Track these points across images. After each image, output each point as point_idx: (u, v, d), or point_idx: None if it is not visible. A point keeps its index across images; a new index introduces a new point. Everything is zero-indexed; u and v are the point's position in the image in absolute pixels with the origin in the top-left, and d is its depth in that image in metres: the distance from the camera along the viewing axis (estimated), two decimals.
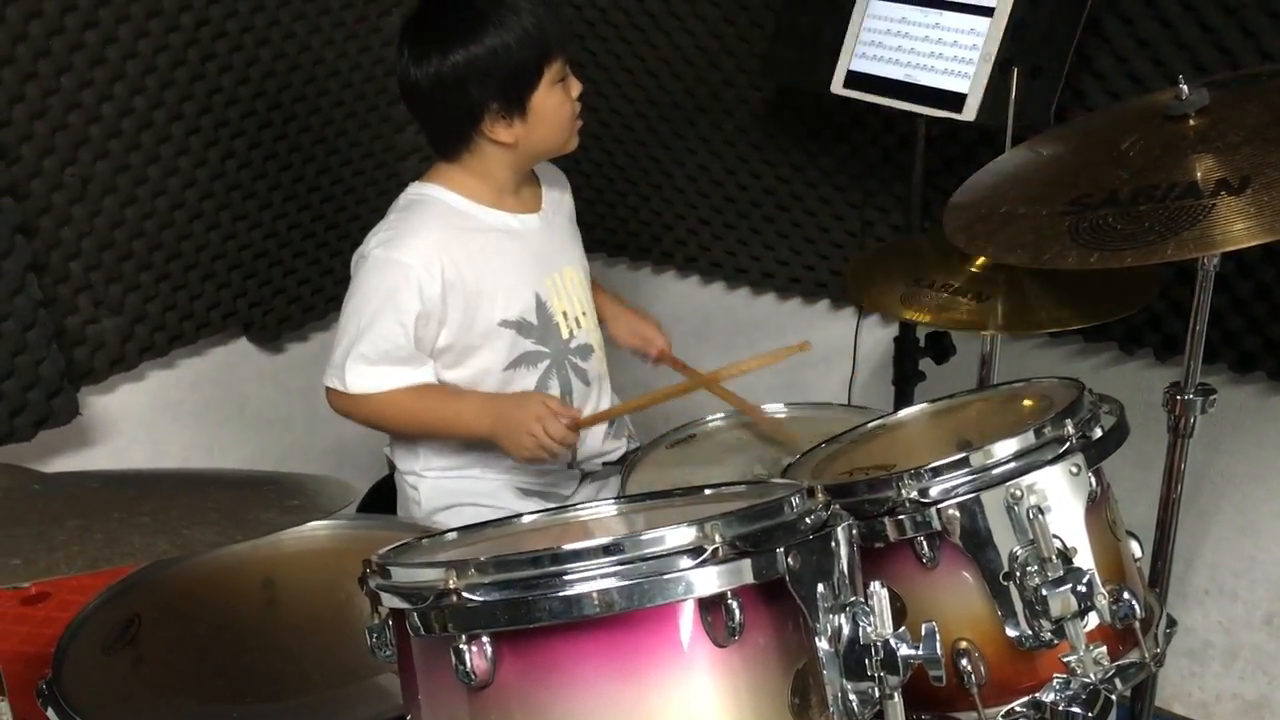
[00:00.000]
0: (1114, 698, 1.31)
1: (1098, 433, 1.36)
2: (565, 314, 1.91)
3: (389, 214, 1.85)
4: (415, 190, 1.86)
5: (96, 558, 0.93)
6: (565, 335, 1.91)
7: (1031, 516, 1.28)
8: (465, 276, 1.79)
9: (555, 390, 1.91)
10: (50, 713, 1.35)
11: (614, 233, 2.88)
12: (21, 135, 2.04)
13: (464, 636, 1.01)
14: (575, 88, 1.81)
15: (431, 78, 1.73)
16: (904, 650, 1.06)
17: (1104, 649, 1.29)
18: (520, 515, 1.35)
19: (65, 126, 2.10)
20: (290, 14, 2.39)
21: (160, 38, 2.20)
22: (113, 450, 2.33)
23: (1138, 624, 1.32)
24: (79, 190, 2.14)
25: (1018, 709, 1.32)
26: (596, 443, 2.00)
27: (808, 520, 1.10)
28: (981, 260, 1.87)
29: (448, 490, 1.93)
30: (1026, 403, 1.53)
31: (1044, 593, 1.26)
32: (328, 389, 1.84)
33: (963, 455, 1.31)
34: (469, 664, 1.01)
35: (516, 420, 1.79)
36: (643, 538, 1.02)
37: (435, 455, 1.93)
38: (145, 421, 2.40)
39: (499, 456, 1.91)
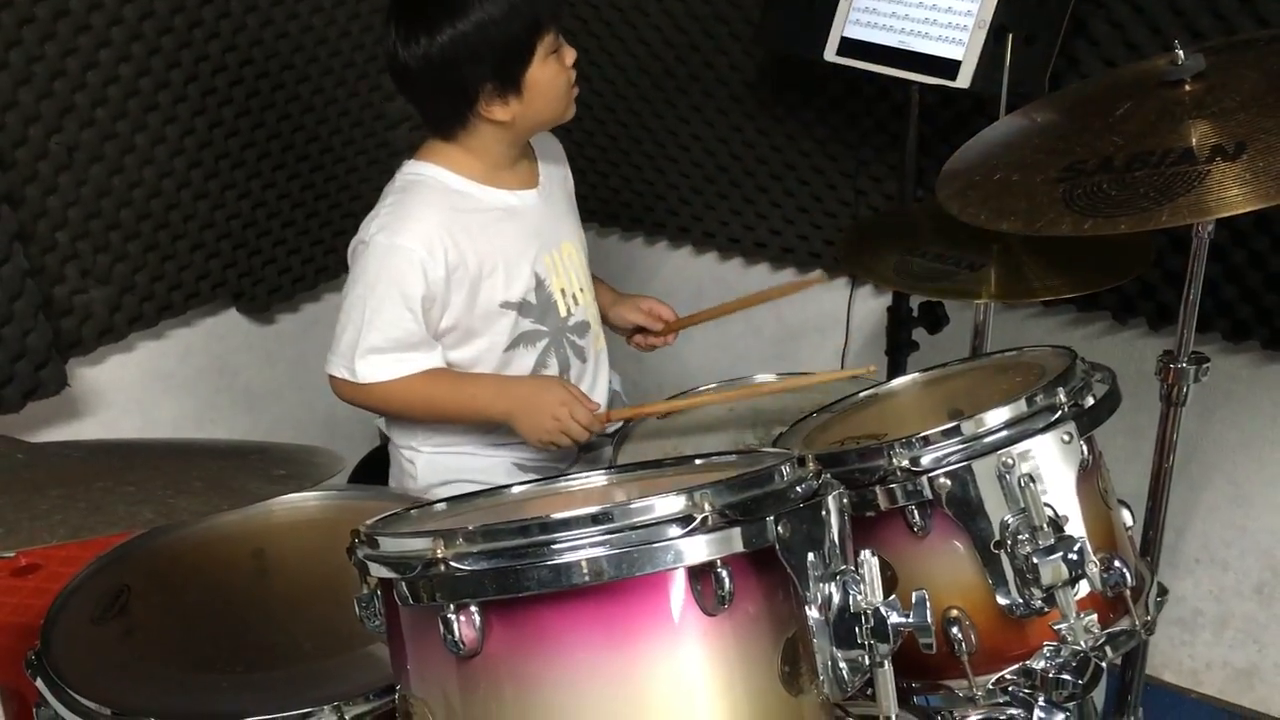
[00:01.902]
0: (1104, 665, 1.31)
1: (1090, 401, 1.36)
2: (563, 291, 1.89)
3: (385, 196, 1.81)
4: (412, 170, 1.82)
5: (80, 526, 0.93)
6: (564, 313, 1.90)
7: (1023, 485, 1.28)
8: (467, 258, 1.77)
9: (554, 368, 1.90)
10: (39, 683, 1.35)
11: (606, 203, 2.86)
12: (6, 103, 2.02)
13: (452, 606, 1.01)
14: (570, 56, 1.78)
15: (420, 59, 1.69)
16: (894, 618, 1.06)
17: (1095, 617, 1.29)
18: (510, 485, 1.34)
19: (51, 94, 2.08)
20: None
21: (146, 4, 2.17)
22: (102, 421, 2.32)
23: (1128, 592, 1.32)
24: (65, 158, 2.12)
25: (1008, 676, 1.32)
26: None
27: (798, 489, 1.09)
28: (974, 229, 1.85)
29: (444, 466, 1.92)
30: (1018, 371, 1.52)
31: (1035, 561, 1.26)
32: (332, 377, 1.80)
33: (954, 424, 1.31)
34: (457, 633, 1.01)
35: (538, 404, 1.78)
36: (632, 506, 1.01)
37: (434, 431, 1.91)
38: (134, 392, 2.39)
39: (499, 434, 1.90)
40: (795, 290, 2.16)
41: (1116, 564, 1.30)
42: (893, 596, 1.07)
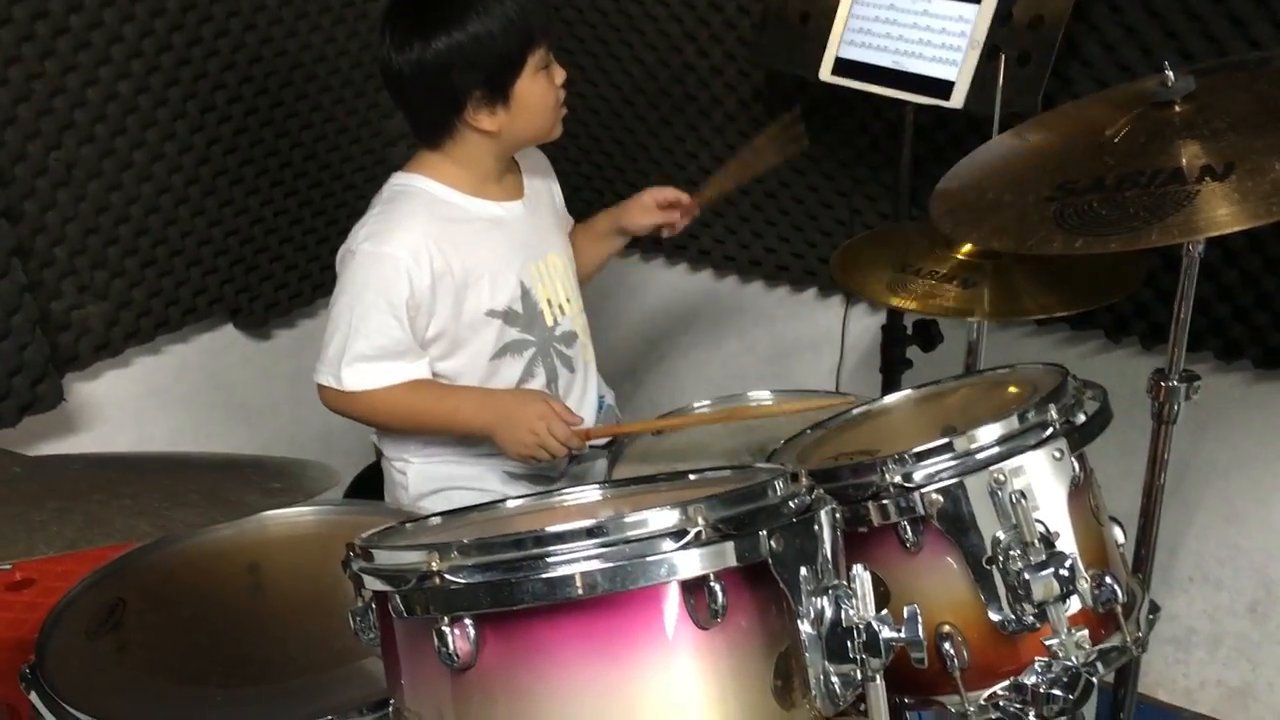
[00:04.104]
0: (1095, 680, 1.32)
1: (1081, 418, 1.37)
2: (549, 301, 1.91)
3: (373, 207, 1.84)
4: (399, 181, 1.85)
5: (76, 538, 0.93)
6: (550, 322, 1.91)
7: (1014, 501, 1.29)
8: (453, 266, 1.79)
9: (541, 378, 1.91)
10: (33, 697, 1.35)
11: None
12: (5, 119, 2.04)
13: (446, 618, 1.01)
14: (559, 75, 1.81)
15: (414, 65, 1.72)
16: (886, 633, 1.06)
17: (1086, 632, 1.30)
18: (505, 500, 1.35)
19: (50, 111, 2.09)
20: None
21: (146, 22, 2.19)
22: (98, 437, 2.32)
23: (1120, 608, 1.32)
24: (64, 175, 2.14)
25: (1000, 692, 1.32)
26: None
27: (791, 504, 1.10)
28: (967, 247, 1.87)
29: (434, 475, 1.93)
30: (1011, 388, 1.53)
31: (1026, 577, 1.27)
32: (320, 386, 1.81)
33: (946, 440, 1.31)
34: (451, 646, 1.01)
35: (518, 418, 1.79)
36: (626, 520, 1.02)
37: (425, 442, 1.93)
38: (130, 408, 2.39)
39: (487, 445, 1.90)
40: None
41: (1108, 580, 1.30)
42: (885, 611, 1.07)
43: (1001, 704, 1.31)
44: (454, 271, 1.79)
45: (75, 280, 2.19)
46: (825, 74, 2.14)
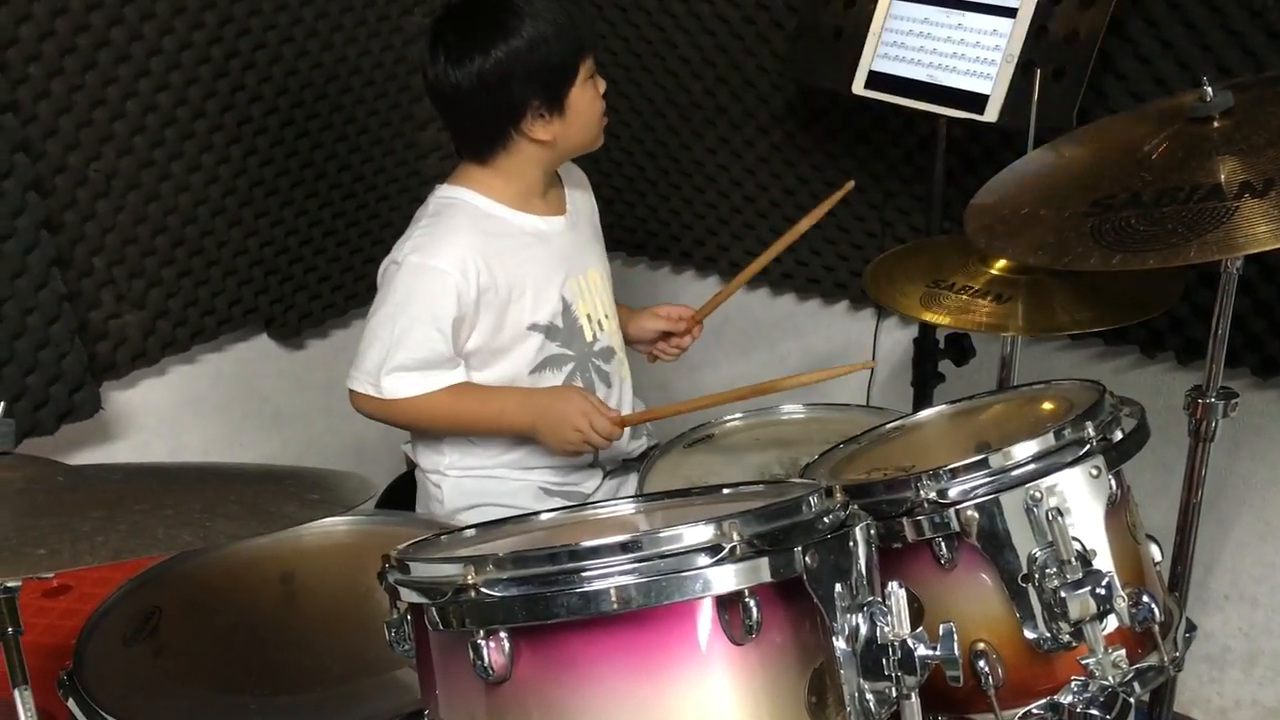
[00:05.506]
0: (1132, 701, 1.31)
1: (1118, 435, 1.36)
2: (589, 316, 1.92)
3: (418, 219, 1.84)
4: (444, 194, 1.85)
5: (120, 548, 0.94)
6: (589, 338, 1.91)
7: (1051, 518, 1.28)
8: (497, 280, 1.79)
9: None
10: (71, 703, 1.36)
11: (633, 232, 2.88)
12: (46, 131, 2.06)
13: (482, 631, 1.02)
14: (601, 85, 1.83)
15: (473, 78, 1.72)
16: (921, 650, 1.06)
17: (1123, 652, 1.29)
18: (539, 513, 1.35)
19: (90, 122, 2.12)
20: (313, 11, 2.40)
21: (185, 34, 2.21)
22: (134, 445, 2.35)
23: (1157, 627, 1.31)
24: (103, 186, 2.16)
25: (1035, 711, 1.31)
26: (623, 443, 2.00)
27: (826, 520, 1.10)
28: (1001, 262, 1.86)
29: (470, 490, 1.94)
30: (1046, 405, 1.52)
31: (1063, 595, 1.26)
32: (354, 393, 1.82)
33: (982, 456, 1.31)
34: (487, 659, 1.02)
35: (559, 415, 1.81)
36: (661, 535, 1.02)
37: (460, 455, 1.93)
38: (166, 416, 2.41)
39: (524, 457, 1.92)
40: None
41: (1145, 599, 1.29)
42: (920, 629, 1.07)
43: None
44: (498, 285, 1.80)
45: (113, 290, 2.22)
46: (859, 87, 2.14)
